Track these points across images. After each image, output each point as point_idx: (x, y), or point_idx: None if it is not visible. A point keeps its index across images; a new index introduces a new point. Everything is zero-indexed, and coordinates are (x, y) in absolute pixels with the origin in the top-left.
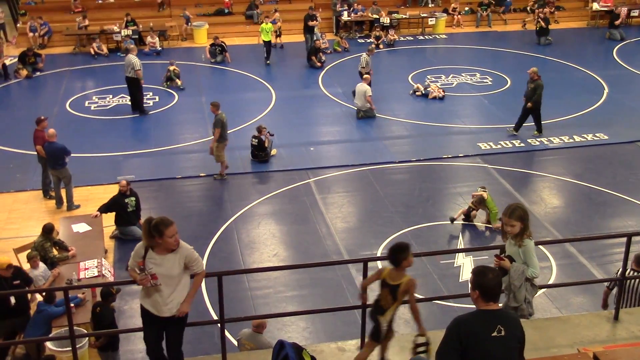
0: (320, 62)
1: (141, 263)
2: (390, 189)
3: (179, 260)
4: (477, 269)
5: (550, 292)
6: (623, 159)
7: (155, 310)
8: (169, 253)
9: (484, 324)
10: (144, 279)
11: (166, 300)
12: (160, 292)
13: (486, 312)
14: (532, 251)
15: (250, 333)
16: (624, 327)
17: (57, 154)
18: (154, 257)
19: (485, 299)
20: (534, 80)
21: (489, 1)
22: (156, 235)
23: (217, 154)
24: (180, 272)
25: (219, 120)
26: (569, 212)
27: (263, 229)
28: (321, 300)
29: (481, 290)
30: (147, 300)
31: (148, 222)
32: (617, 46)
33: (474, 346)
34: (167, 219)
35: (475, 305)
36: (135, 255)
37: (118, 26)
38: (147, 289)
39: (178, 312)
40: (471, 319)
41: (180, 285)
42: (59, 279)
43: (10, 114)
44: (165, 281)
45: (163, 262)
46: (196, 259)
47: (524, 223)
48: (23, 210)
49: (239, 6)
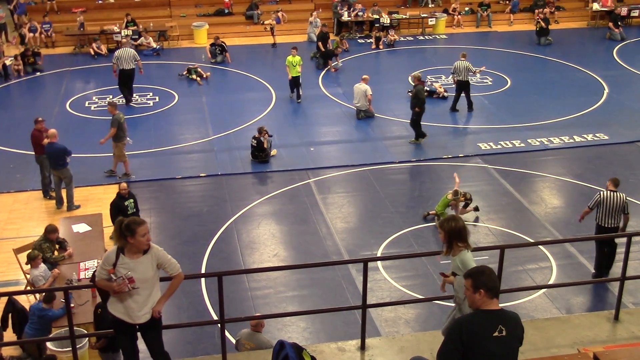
0: (335, 68)
1: (111, 271)
2: (390, 189)
3: (151, 262)
4: (473, 270)
5: (550, 292)
6: (623, 159)
7: (129, 318)
8: (141, 256)
9: (486, 324)
10: (121, 284)
11: (141, 305)
12: (134, 298)
13: (487, 312)
14: (469, 261)
15: (249, 333)
16: (624, 327)
17: (58, 154)
18: (126, 262)
19: (490, 295)
20: (415, 85)
21: (489, 1)
22: (128, 235)
23: (118, 154)
24: (154, 274)
25: (115, 120)
26: (569, 212)
27: (263, 229)
28: (321, 301)
29: (486, 288)
30: (120, 308)
31: (119, 223)
32: (617, 46)
33: (476, 346)
34: (139, 218)
35: (477, 306)
36: (105, 262)
37: (118, 26)
38: (118, 297)
39: (154, 312)
40: (473, 320)
41: (156, 289)
42: (59, 279)
43: (10, 114)
44: (140, 285)
45: (136, 266)
46: (169, 259)
47: (452, 236)
48: (23, 210)
49: (239, 6)
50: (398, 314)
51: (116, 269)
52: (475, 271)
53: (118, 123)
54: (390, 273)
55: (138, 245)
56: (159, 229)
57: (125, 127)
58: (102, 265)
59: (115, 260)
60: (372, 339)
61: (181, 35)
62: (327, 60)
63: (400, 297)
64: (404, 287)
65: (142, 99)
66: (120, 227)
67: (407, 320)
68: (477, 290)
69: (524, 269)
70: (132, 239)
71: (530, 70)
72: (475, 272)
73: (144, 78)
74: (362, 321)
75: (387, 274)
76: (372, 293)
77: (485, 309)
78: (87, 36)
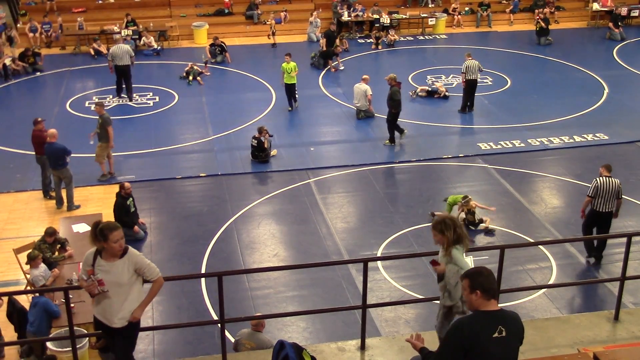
0: (335, 68)
1: (91, 271)
2: (390, 189)
3: (127, 266)
4: (470, 271)
5: (550, 292)
6: (623, 159)
7: (106, 320)
8: (117, 259)
9: (485, 326)
10: (90, 286)
11: (117, 309)
12: (111, 301)
13: (486, 313)
14: (461, 258)
15: (250, 332)
16: (624, 327)
17: (58, 154)
18: (103, 264)
19: (487, 296)
20: (391, 87)
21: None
22: (101, 239)
23: (101, 154)
24: (130, 279)
25: (108, 118)
26: (569, 212)
27: (263, 229)
28: (321, 301)
29: (482, 289)
30: (99, 309)
31: (95, 227)
32: (617, 46)
33: (476, 348)
34: (113, 223)
35: (475, 307)
36: (85, 263)
37: (118, 26)
38: (98, 299)
39: (131, 317)
40: (472, 321)
41: (133, 294)
42: (58, 279)
43: (10, 114)
44: (115, 290)
45: (111, 269)
46: (147, 265)
47: (447, 236)
48: (23, 210)
49: (239, 6)
50: (398, 314)
51: (94, 269)
52: (473, 272)
53: (110, 121)
54: (390, 273)
55: (111, 250)
56: (159, 229)
57: None
58: (83, 266)
59: (92, 262)
60: (372, 339)
61: (181, 35)
62: (327, 60)
63: (400, 297)
64: (404, 287)
65: (142, 99)
66: (95, 230)
67: (407, 320)
68: (473, 290)
69: (524, 269)
70: (105, 244)
71: (530, 70)
72: (472, 273)
73: (144, 78)
74: (362, 321)
75: (387, 274)
76: (372, 293)
77: (484, 310)
78: (87, 36)
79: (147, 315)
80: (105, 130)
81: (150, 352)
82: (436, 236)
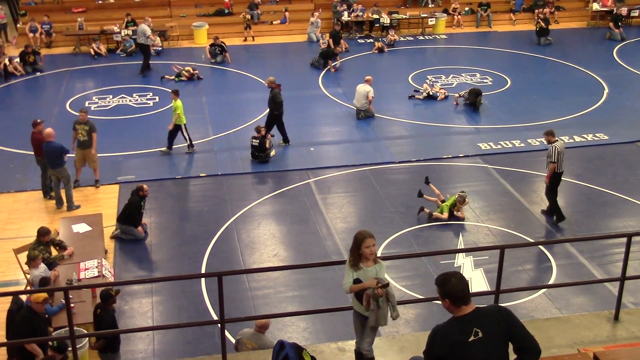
0: (335, 68)
1: None
2: (390, 189)
3: None
4: (439, 278)
5: (550, 292)
6: (623, 159)
7: None
8: None
9: (459, 332)
10: None
11: None
12: None
13: (459, 318)
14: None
15: (252, 333)
16: (624, 327)
17: (55, 153)
18: None
19: (456, 304)
20: (271, 90)
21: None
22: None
23: (95, 159)
24: None
25: (93, 125)
26: (569, 212)
27: (263, 229)
28: (321, 301)
29: (450, 298)
30: None
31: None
32: (617, 46)
33: (454, 355)
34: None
35: (450, 312)
36: None
37: (118, 26)
38: None
39: None
40: (446, 328)
41: None
42: (58, 279)
43: (10, 114)
44: None
45: None
46: None
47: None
48: (23, 210)
49: (239, 6)
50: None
51: None
52: (442, 279)
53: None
54: (390, 273)
55: None
56: (159, 229)
57: None
58: None
59: None
60: None
61: (181, 35)
62: (327, 60)
63: (400, 297)
64: (404, 287)
65: (142, 99)
66: None
67: (407, 320)
68: (443, 299)
69: (524, 269)
70: None
71: (530, 70)
72: (441, 281)
73: (145, 78)
74: None
75: (387, 274)
76: None
77: (457, 316)
78: (87, 36)
79: (147, 315)
80: (91, 136)
81: (150, 352)
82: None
